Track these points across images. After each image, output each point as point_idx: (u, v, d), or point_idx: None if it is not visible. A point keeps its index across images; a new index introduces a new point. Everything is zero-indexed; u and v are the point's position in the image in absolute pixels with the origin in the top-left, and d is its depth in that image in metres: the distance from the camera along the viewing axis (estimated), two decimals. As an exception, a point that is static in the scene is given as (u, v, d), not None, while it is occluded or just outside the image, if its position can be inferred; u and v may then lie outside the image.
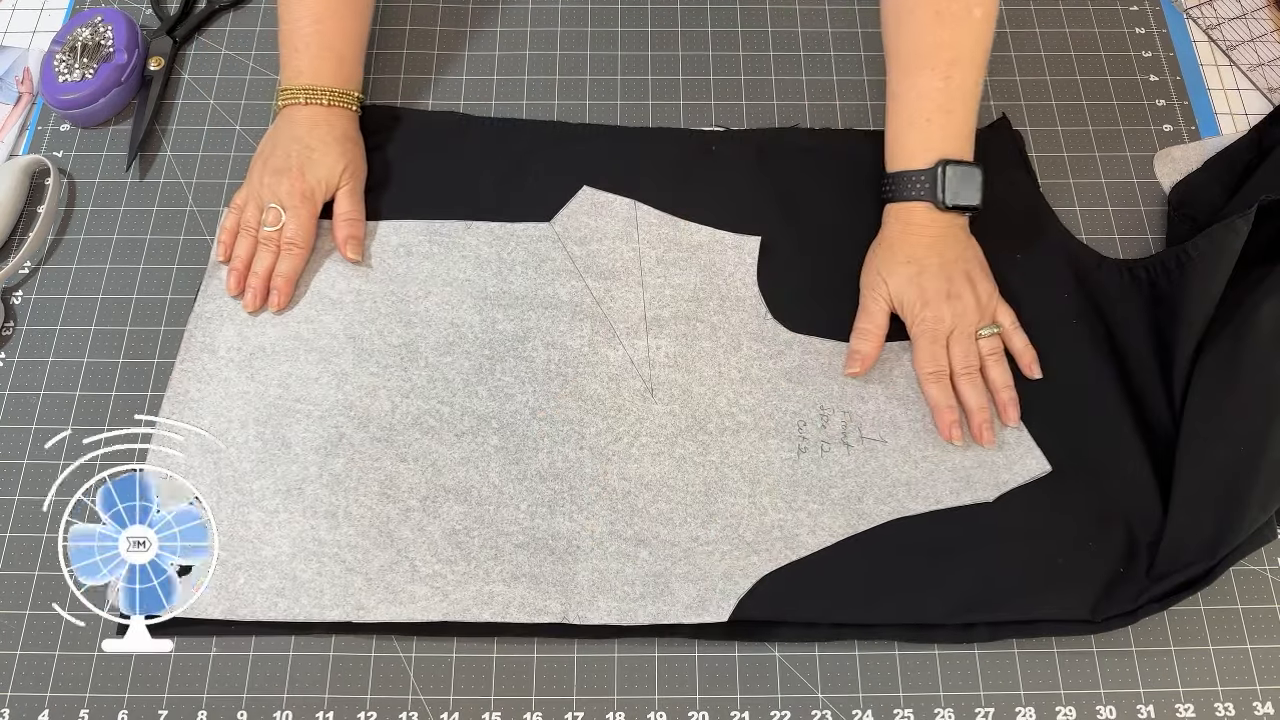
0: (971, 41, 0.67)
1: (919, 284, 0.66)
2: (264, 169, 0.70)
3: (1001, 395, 0.66)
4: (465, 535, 0.62)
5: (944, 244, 0.67)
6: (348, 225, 0.70)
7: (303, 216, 0.69)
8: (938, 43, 0.66)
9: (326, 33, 0.72)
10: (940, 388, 0.66)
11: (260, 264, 0.69)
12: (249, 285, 0.69)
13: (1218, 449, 0.62)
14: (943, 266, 0.66)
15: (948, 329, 0.66)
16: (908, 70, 0.68)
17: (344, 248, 0.70)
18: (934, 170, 0.66)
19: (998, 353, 0.67)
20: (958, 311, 0.66)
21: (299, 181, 0.69)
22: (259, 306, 0.69)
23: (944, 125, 0.67)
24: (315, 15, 0.71)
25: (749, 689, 0.60)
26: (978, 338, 0.66)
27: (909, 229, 0.68)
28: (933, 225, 0.67)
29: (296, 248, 0.69)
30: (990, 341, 0.67)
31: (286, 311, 0.69)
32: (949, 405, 0.65)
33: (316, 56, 0.71)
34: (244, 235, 0.70)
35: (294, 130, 0.71)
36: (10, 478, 0.65)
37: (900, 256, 0.67)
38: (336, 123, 0.72)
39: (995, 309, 0.68)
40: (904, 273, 0.67)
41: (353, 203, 0.71)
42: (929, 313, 0.66)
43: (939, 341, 0.66)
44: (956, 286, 0.66)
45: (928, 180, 0.67)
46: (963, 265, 0.67)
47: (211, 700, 0.59)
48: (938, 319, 0.66)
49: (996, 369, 0.66)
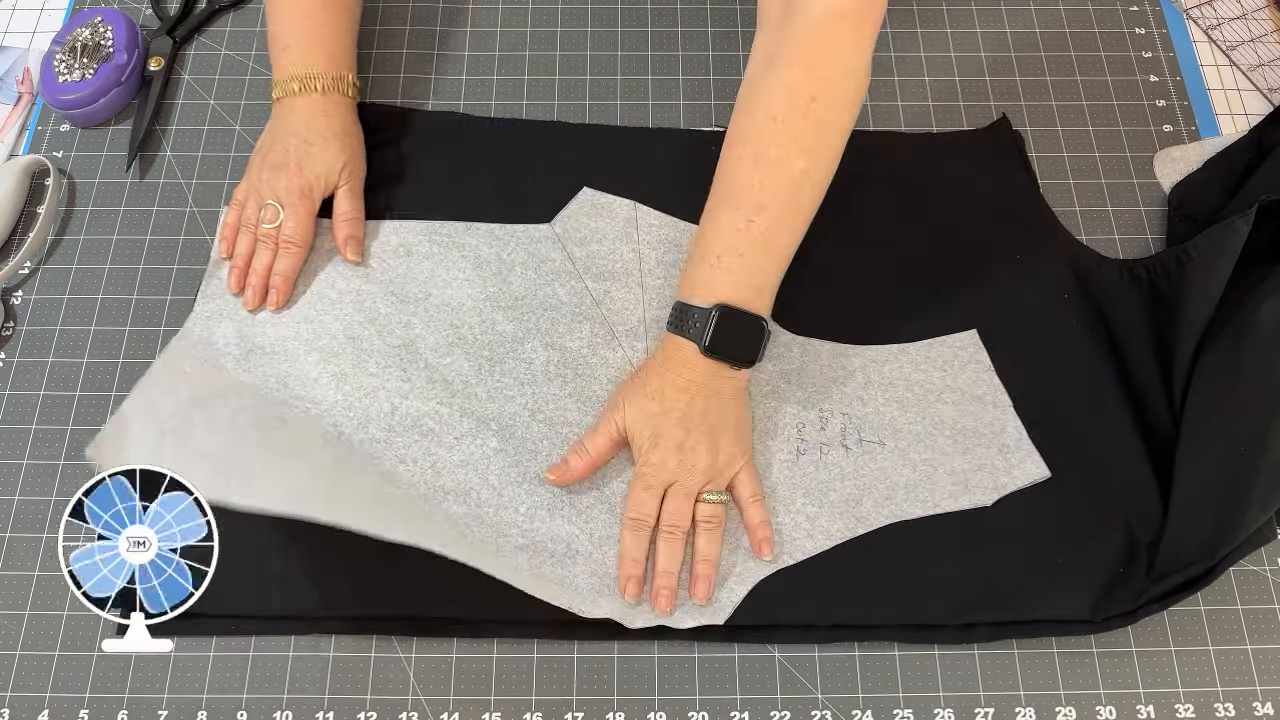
0: (786, 191, 0.61)
1: (655, 424, 0.61)
2: (263, 164, 0.70)
3: (697, 566, 0.60)
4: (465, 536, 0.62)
5: (700, 391, 0.61)
6: (348, 225, 0.70)
7: (300, 214, 0.69)
8: (748, 184, 0.61)
9: (314, 28, 0.71)
10: (634, 537, 0.60)
11: (259, 261, 0.69)
12: (248, 283, 0.68)
13: (1217, 449, 0.62)
14: (686, 415, 0.61)
15: (667, 480, 0.61)
16: (714, 202, 0.64)
17: (344, 248, 0.70)
18: (707, 312, 0.61)
19: (714, 521, 0.61)
20: (685, 465, 0.61)
21: (297, 177, 0.68)
22: (258, 304, 0.68)
23: (731, 268, 0.61)
24: (303, 11, 0.71)
25: (749, 689, 0.60)
26: (699, 499, 0.61)
27: (669, 363, 0.62)
28: (694, 368, 0.62)
29: (294, 246, 0.68)
30: (711, 509, 0.61)
31: (285, 310, 0.69)
32: (635, 558, 0.60)
33: (306, 50, 0.71)
34: (244, 232, 0.70)
35: (291, 123, 0.70)
36: (10, 478, 0.65)
37: (649, 389, 0.62)
38: (335, 114, 0.71)
39: (734, 477, 0.62)
40: (645, 407, 0.62)
41: (352, 202, 0.71)
42: (654, 457, 0.61)
43: (652, 489, 0.61)
44: (693, 440, 0.61)
45: (700, 320, 0.61)
46: (711, 419, 0.61)
47: (211, 700, 0.59)
48: (660, 466, 0.61)
49: (704, 538, 0.61)
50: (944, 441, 0.66)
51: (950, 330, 0.70)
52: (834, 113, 0.61)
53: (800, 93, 0.60)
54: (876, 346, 0.69)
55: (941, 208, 0.74)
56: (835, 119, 0.61)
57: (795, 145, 0.60)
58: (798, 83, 0.60)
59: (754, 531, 0.62)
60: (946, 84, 0.81)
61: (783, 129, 0.60)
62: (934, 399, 0.67)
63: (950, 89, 0.81)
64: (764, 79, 0.61)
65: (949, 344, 0.69)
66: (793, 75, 0.60)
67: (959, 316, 0.70)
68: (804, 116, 0.60)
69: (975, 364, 0.68)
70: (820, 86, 0.60)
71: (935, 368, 0.68)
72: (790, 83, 0.60)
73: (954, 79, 0.81)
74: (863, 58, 0.60)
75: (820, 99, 0.60)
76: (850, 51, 0.60)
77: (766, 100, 0.61)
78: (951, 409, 0.67)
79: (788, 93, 0.60)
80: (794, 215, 0.62)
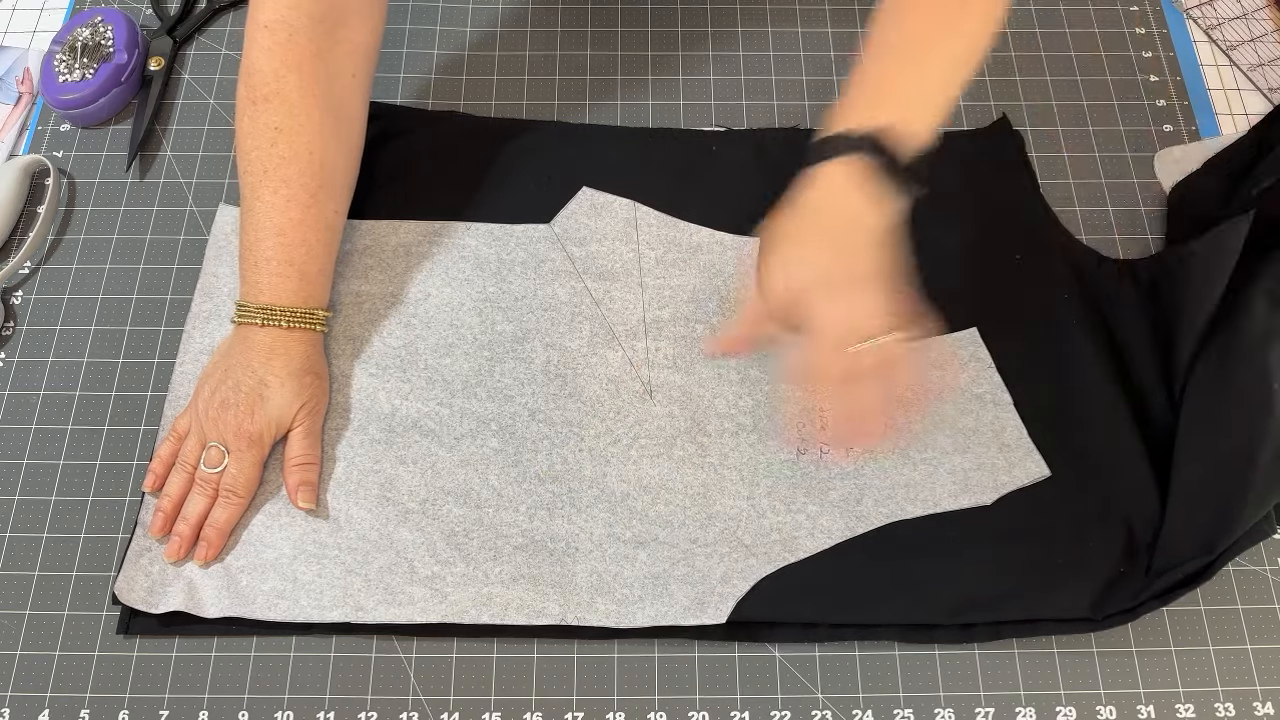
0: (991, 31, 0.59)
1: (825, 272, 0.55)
2: (211, 397, 0.62)
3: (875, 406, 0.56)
4: (464, 537, 0.62)
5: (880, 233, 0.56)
6: (300, 470, 0.62)
7: (245, 463, 0.61)
8: (956, 26, 0.59)
9: (289, 246, 0.63)
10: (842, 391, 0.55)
11: (192, 508, 0.61)
12: (176, 531, 0.61)
13: (1214, 444, 0.62)
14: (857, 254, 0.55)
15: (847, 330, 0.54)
16: (932, 28, 0.59)
17: (294, 495, 0.62)
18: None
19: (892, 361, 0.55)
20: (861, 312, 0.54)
21: (247, 422, 0.61)
22: (183, 556, 0.61)
23: (950, 98, 0.58)
24: (277, 228, 0.63)
25: (749, 689, 0.60)
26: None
27: (849, 195, 0.55)
28: (880, 209, 0.56)
29: (236, 496, 0.61)
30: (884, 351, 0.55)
31: None
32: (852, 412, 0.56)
33: (277, 273, 0.63)
34: (179, 470, 0.62)
35: (249, 356, 0.62)
36: (10, 478, 0.65)
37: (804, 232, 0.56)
38: (296, 351, 0.63)
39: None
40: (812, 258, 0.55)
41: (306, 444, 0.63)
42: (832, 311, 0.54)
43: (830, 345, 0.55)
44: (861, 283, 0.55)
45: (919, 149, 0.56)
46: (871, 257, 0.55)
47: (212, 700, 0.59)
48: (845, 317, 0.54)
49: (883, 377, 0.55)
50: (944, 440, 0.66)
51: (950, 329, 0.70)
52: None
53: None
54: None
55: (941, 208, 0.74)
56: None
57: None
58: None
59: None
60: (946, 84, 0.81)
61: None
62: (934, 398, 0.67)
63: (950, 89, 0.81)
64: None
65: (949, 343, 0.69)
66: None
67: (959, 316, 0.70)
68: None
69: (975, 362, 0.68)
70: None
71: (935, 366, 0.68)
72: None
73: (954, 79, 0.81)
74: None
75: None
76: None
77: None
78: (951, 408, 0.67)
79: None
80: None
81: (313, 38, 0.63)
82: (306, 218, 0.63)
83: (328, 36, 0.64)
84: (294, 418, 0.63)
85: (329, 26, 0.64)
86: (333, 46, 0.65)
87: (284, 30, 0.63)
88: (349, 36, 0.65)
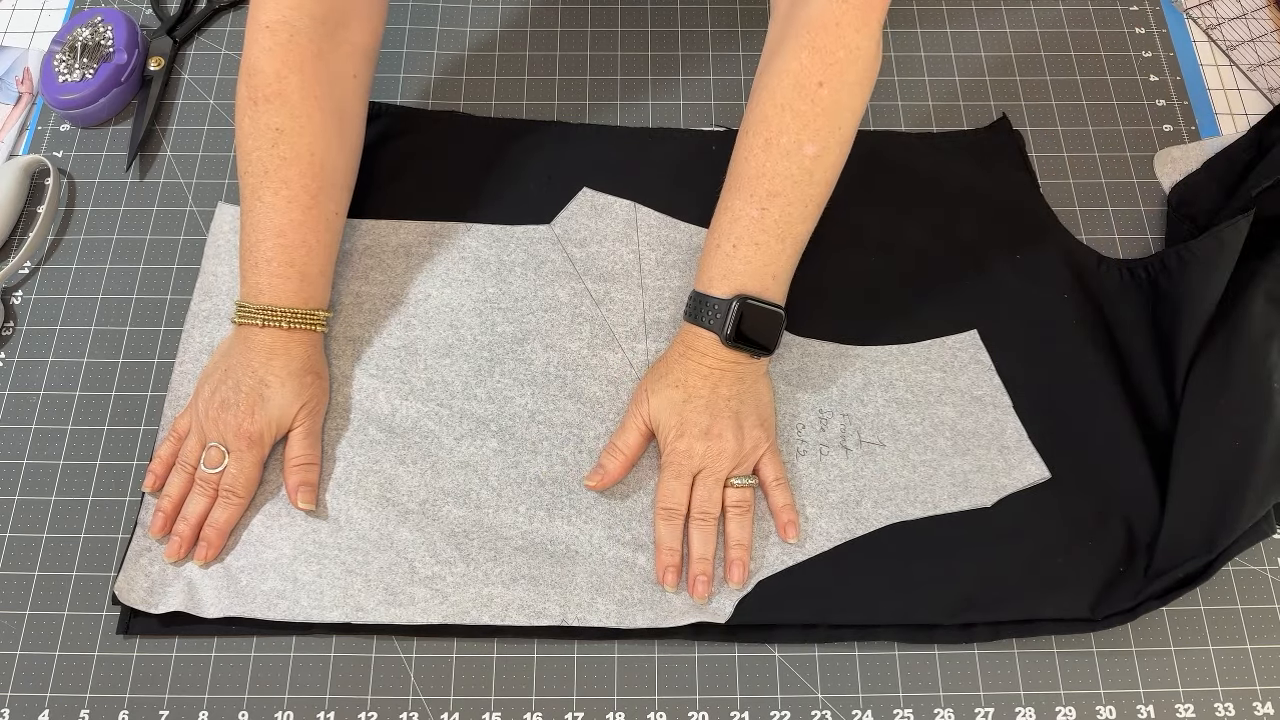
0: (798, 176, 0.61)
1: (680, 413, 0.62)
2: (211, 397, 0.62)
3: (731, 552, 0.61)
4: (464, 538, 0.62)
5: (722, 379, 0.62)
6: (300, 471, 0.63)
7: (245, 463, 0.62)
8: (760, 172, 0.61)
9: (290, 247, 0.63)
10: (669, 526, 0.61)
11: (192, 508, 0.61)
12: (176, 531, 0.61)
13: (1213, 443, 0.62)
14: (711, 402, 0.62)
15: (695, 467, 0.62)
16: (728, 192, 0.63)
17: (294, 495, 0.62)
18: (728, 303, 0.61)
19: (743, 505, 0.62)
20: (712, 452, 0.61)
21: (247, 422, 0.61)
22: (183, 556, 0.61)
23: (749, 257, 0.61)
24: (277, 229, 0.63)
25: (749, 689, 0.60)
26: (727, 485, 0.62)
27: (690, 353, 0.63)
28: (714, 357, 0.62)
29: (235, 496, 0.61)
30: (740, 493, 0.62)
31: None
32: (671, 547, 0.61)
33: (277, 274, 0.63)
34: (179, 470, 0.62)
35: (249, 356, 0.63)
36: (10, 477, 0.65)
37: (671, 379, 0.63)
38: (296, 352, 0.63)
39: (760, 460, 0.63)
40: (669, 396, 0.62)
41: (306, 445, 0.63)
42: (681, 445, 0.62)
43: (682, 478, 0.62)
44: (719, 426, 0.61)
45: (720, 311, 0.61)
46: (735, 405, 0.62)
47: (212, 700, 0.59)
48: (688, 454, 0.61)
49: (735, 523, 0.62)
50: (944, 443, 0.66)
51: (950, 330, 0.70)
52: (843, 96, 0.60)
53: (808, 78, 0.60)
54: (876, 347, 0.69)
55: (941, 208, 0.74)
56: (844, 103, 0.61)
57: (804, 131, 0.60)
58: (804, 68, 0.60)
59: (779, 515, 0.63)
60: (946, 84, 0.81)
61: (791, 116, 0.60)
62: (934, 400, 0.67)
63: (950, 89, 0.81)
64: (771, 66, 0.61)
65: (949, 344, 0.69)
66: (799, 61, 0.60)
67: (959, 317, 0.70)
68: (812, 102, 0.60)
69: (975, 364, 0.68)
70: (827, 71, 0.60)
71: (935, 368, 0.68)
72: (796, 69, 0.60)
73: (954, 79, 0.81)
74: (869, 40, 0.60)
75: (828, 84, 0.60)
76: (856, 35, 0.59)
77: (775, 87, 0.61)
78: (951, 410, 0.67)
79: (795, 79, 0.60)
80: (807, 201, 0.62)
81: (314, 39, 0.63)
82: (307, 219, 0.63)
83: (329, 38, 0.64)
84: (294, 418, 0.63)
85: (330, 27, 0.64)
86: (334, 47, 0.65)
87: (286, 31, 0.63)
88: (350, 37, 0.65)
